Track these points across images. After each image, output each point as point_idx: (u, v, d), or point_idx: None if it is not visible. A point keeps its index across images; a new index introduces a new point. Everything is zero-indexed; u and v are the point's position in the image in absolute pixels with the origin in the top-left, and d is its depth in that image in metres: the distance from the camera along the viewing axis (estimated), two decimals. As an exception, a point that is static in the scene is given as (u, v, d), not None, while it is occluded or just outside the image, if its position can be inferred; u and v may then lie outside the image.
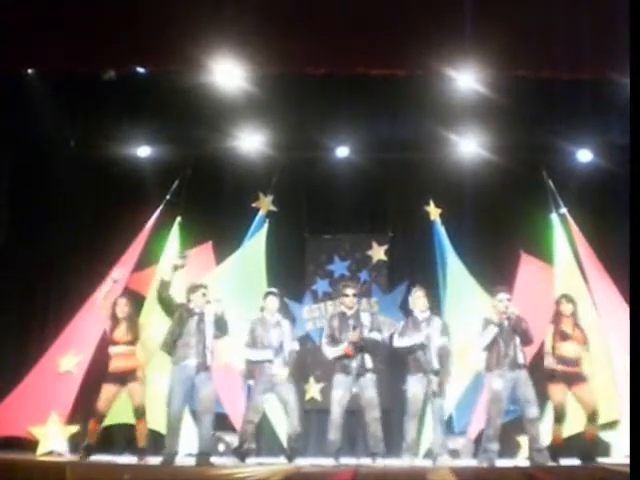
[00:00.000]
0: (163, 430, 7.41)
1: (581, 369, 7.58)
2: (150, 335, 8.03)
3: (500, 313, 7.55)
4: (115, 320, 7.68)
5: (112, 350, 7.65)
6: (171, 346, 7.24)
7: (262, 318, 7.82)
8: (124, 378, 7.55)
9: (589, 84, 7.92)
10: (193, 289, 7.46)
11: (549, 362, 7.64)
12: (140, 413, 7.57)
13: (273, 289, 8.07)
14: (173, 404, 7.11)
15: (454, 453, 8.18)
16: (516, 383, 7.38)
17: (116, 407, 7.91)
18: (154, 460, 7.27)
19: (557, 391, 7.53)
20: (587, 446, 7.49)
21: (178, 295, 7.61)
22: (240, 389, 8.50)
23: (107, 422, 8.20)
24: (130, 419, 7.82)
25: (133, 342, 7.66)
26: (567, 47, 7.12)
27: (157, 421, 7.72)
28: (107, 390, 7.55)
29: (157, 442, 7.86)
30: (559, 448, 7.52)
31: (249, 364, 7.74)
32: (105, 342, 7.83)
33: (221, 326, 7.39)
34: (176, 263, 7.52)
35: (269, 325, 7.75)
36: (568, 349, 7.58)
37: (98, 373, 7.95)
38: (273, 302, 7.84)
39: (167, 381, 7.27)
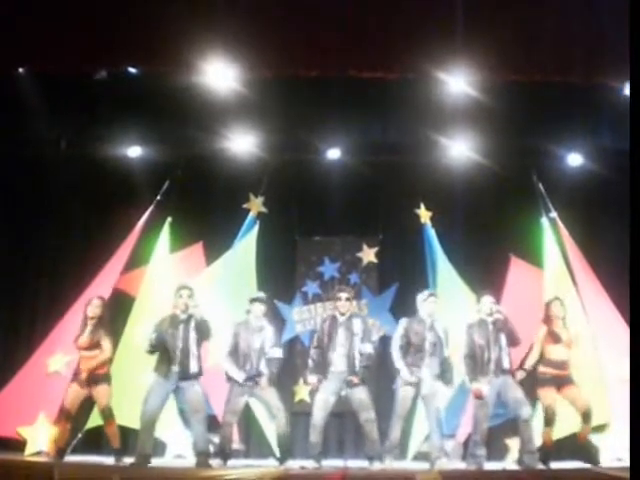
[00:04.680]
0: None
1: (569, 372, 7.62)
2: (137, 335, 8.03)
3: (486, 316, 7.58)
4: (85, 321, 7.67)
5: (80, 351, 7.65)
6: (155, 351, 7.25)
7: (246, 321, 7.80)
8: (90, 380, 7.53)
9: (580, 88, 7.93)
10: (178, 291, 7.45)
11: (539, 366, 7.68)
12: (106, 415, 7.57)
13: (259, 295, 8.05)
14: (148, 405, 7.12)
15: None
16: (503, 387, 7.40)
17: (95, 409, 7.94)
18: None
19: (547, 394, 7.57)
20: (585, 448, 7.53)
21: (165, 295, 7.64)
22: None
23: (92, 423, 8.21)
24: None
25: (100, 344, 7.62)
26: (558, 51, 7.14)
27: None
28: (72, 391, 7.58)
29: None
30: (550, 451, 7.55)
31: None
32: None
33: (203, 330, 7.37)
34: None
35: (252, 329, 7.73)
36: (557, 352, 7.62)
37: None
38: (259, 308, 7.80)
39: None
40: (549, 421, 7.56)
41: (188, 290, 7.46)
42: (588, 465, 7.30)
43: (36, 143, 9.09)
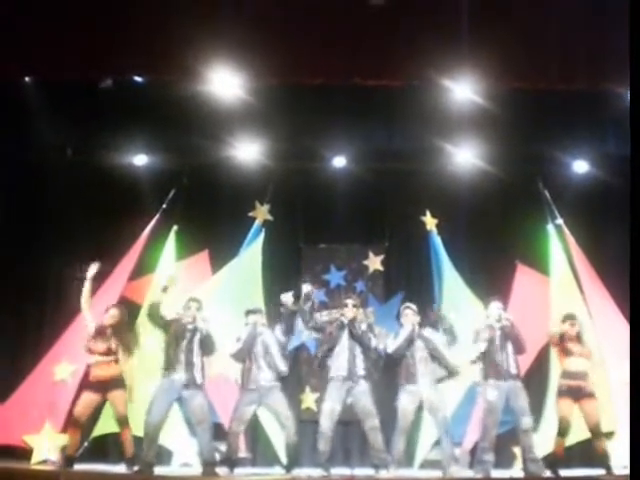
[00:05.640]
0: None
1: (588, 383, 7.60)
2: (144, 344, 8.02)
3: (494, 322, 7.58)
4: (101, 327, 7.66)
5: (93, 357, 7.62)
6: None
7: (248, 331, 7.80)
8: (105, 387, 7.51)
9: (585, 95, 7.94)
10: (187, 303, 7.47)
11: (556, 378, 7.70)
12: (123, 422, 7.54)
13: (253, 307, 8.09)
14: (152, 413, 7.12)
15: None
16: (510, 393, 7.40)
17: (106, 416, 7.92)
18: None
19: (564, 405, 7.56)
20: (594, 455, 7.55)
21: (174, 306, 7.65)
22: (235, 398, 8.48)
23: (99, 431, 8.21)
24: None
25: (115, 351, 7.61)
26: (563, 58, 7.14)
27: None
28: (86, 398, 7.53)
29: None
30: (559, 460, 7.54)
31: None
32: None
33: (208, 345, 7.40)
34: (165, 284, 7.52)
35: (252, 338, 7.73)
36: (574, 364, 7.60)
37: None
38: (255, 319, 7.83)
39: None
40: (563, 432, 7.54)
41: (197, 303, 7.52)
42: (595, 473, 7.27)
43: (42, 151, 9.11)
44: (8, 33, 6.93)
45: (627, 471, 7.26)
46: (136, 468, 7.11)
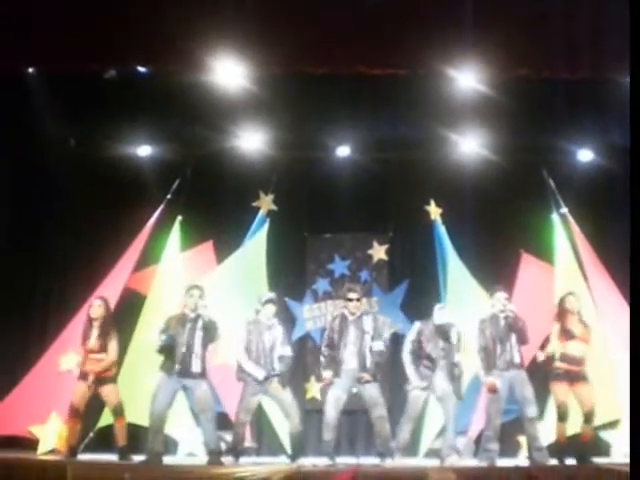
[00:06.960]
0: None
1: (584, 368, 7.58)
2: (148, 333, 8.03)
3: (498, 312, 7.58)
4: (88, 322, 7.67)
5: (87, 354, 7.64)
6: (164, 351, 7.25)
7: (257, 321, 7.80)
8: (96, 380, 7.52)
9: (590, 84, 7.92)
10: (188, 291, 7.46)
11: (553, 360, 7.65)
12: (118, 412, 7.57)
13: (271, 296, 8.02)
14: (156, 403, 7.13)
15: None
16: (513, 383, 7.39)
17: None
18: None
19: (560, 390, 7.53)
20: (583, 447, 7.50)
21: (176, 294, 7.65)
22: (239, 387, 8.50)
23: (105, 422, 8.22)
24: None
25: (105, 345, 7.60)
26: (567, 47, 7.12)
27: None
28: (80, 388, 7.55)
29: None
30: (564, 447, 7.53)
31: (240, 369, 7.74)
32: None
33: (210, 331, 7.35)
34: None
35: (263, 328, 7.73)
36: (573, 348, 7.58)
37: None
38: (270, 309, 7.82)
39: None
40: (562, 416, 7.51)
41: (199, 290, 7.47)
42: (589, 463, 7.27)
43: (45, 142, 9.11)
44: (10, 25, 6.92)
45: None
46: (142, 458, 7.12)
